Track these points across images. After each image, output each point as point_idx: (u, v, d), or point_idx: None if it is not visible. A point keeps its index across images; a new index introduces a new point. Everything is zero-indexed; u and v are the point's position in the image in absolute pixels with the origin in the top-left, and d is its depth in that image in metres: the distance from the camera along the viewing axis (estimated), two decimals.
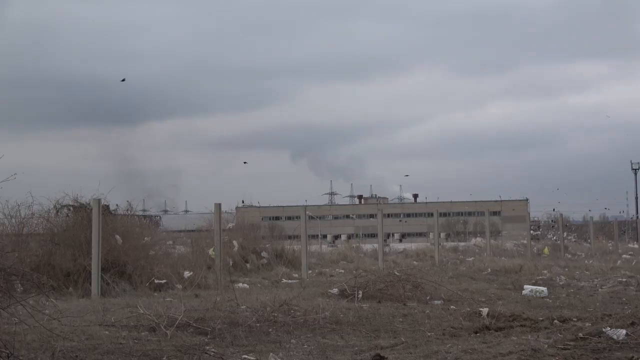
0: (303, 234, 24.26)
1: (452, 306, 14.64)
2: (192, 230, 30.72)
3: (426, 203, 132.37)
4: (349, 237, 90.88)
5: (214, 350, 9.61)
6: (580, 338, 10.29)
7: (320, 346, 10.24)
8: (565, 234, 45.92)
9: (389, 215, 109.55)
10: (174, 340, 10.11)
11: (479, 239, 51.31)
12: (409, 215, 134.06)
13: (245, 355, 9.42)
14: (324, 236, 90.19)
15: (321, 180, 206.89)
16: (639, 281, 20.37)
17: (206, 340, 10.39)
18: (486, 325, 11.94)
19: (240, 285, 19.30)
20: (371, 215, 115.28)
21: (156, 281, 17.78)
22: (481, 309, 13.39)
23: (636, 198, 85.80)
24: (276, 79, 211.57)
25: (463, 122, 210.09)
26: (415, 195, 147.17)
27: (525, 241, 41.64)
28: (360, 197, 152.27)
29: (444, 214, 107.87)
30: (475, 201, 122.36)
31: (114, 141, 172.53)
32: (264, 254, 27.10)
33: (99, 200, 17.37)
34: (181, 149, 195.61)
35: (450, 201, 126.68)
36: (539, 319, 12.54)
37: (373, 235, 52.91)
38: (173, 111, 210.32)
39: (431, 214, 36.01)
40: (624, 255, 34.81)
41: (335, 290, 16.62)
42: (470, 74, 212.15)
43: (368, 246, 42.68)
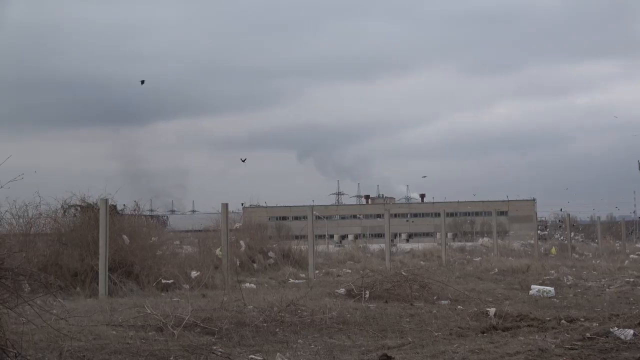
0: (310, 234, 24.26)
1: (459, 306, 14.62)
2: (199, 230, 30.76)
3: (433, 203, 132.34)
4: (356, 237, 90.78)
5: (221, 350, 9.62)
6: (588, 338, 10.27)
7: (327, 346, 10.25)
8: (572, 234, 45.83)
9: (396, 215, 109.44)
10: (181, 340, 10.12)
11: (486, 239, 51.24)
12: (416, 215, 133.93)
13: (253, 355, 9.43)
14: (331, 236, 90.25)
15: (328, 180, 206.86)
16: None
17: (213, 340, 10.40)
18: (493, 325, 11.93)
19: (248, 285, 19.31)
20: (378, 215, 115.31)
21: (163, 281, 17.80)
22: (488, 309, 13.36)
23: None
24: (283, 79, 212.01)
25: (470, 122, 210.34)
26: (422, 195, 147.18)
27: (532, 241, 41.56)
28: (367, 197, 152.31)
29: (451, 214, 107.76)
30: (483, 201, 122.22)
31: (121, 141, 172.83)
32: (271, 254, 27.11)
33: (106, 200, 17.39)
34: (188, 149, 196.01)
35: (458, 201, 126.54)
36: (546, 319, 12.52)
37: (380, 235, 52.83)
38: (180, 111, 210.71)
39: (438, 214, 35.93)
40: (632, 255, 34.70)
41: (342, 290, 16.62)
42: (477, 74, 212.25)
43: (375, 246, 42.68)
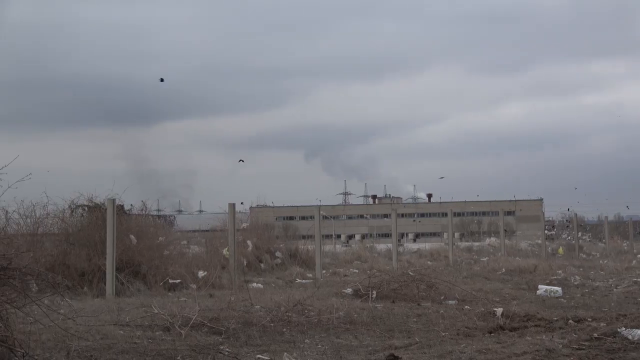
0: (317, 233, 24.26)
1: (467, 306, 14.60)
2: (206, 230, 30.81)
3: (440, 203, 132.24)
4: (363, 237, 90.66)
5: (228, 350, 9.63)
6: (595, 338, 10.26)
7: (334, 346, 10.25)
8: (579, 234, 45.69)
9: (403, 215, 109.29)
10: (188, 339, 10.13)
11: (493, 239, 51.14)
12: (423, 215, 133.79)
13: (260, 355, 9.43)
14: (338, 236, 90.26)
15: (335, 180, 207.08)
16: None
17: (220, 340, 10.40)
18: (500, 325, 11.92)
19: (255, 285, 19.32)
20: (385, 215, 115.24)
21: (170, 281, 17.82)
22: (495, 309, 13.33)
23: None
24: (291, 79, 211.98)
25: (478, 122, 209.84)
26: (429, 195, 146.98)
27: (539, 241, 41.48)
28: (374, 197, 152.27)
29: (458, 214, 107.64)
30: (490, 201, 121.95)
31: (128, 141, 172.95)
32: (278, 253, 27.14)
33: (114, 200, 17.41)
34: (195, 149, 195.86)
35: (465, 201, 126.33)
36: (554, 319, 12.50)
37: (387, 235, 52.87)
38: (187, 111, 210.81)
39: (445, 214, 35.93)
40: (639, 255, 34.62)
41: (349, 290, 16.61)
42: (485, 73, 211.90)
43: (382, 246, 42.68)
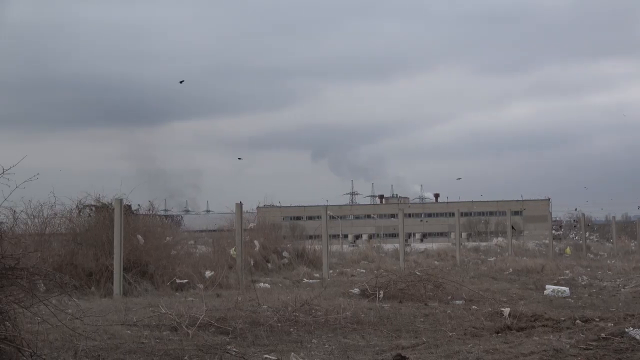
0: (324, 233, 24.25)
1: (474, 306, 14.58)
2: (214, 230, 30.79)
3: (447, 203, 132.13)
4: (370, 237, 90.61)
5: (235, 349, 9.63)
6: (603, 338, 10.23)
7: (341, 346, 10.24)
8: (587, 234, 45.58)
9: (410, 215, 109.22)
10: (196, 339, 10.14)
11: (500, 239, 51.04)
12: (430, 215, 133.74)
13: (267, 355, 9.43)
14: (345, 236, 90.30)
15: (342, 180, 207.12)
16: None
17: (228, 339, 10.41)
18: (508, 325, 11.90)
19: (262, 285, 19.33)
20: (392, 215, 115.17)
21: (178, 281, 17.85)
22: (503, 309, 13.31)
23: None
24: (297, 79, 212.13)
25: (484, 122, 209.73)
26: (436, 195, 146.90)
27: (547, 241, 41.39)
28: (381, 197, 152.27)
29: (465, 214, 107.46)
30: (497, 201, 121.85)
31: (135, 141, 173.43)
32: (285, 253, 27.15)
33: (121, 200, 17.43)
34: (202, 149, 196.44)
35: (472, 201, 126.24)
36: (561, 319, 12.47)
37: (394, 235, 52.81)
38: (194, 111, 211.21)
39: (452, 214, 35.92)
40: None
41: (356, 290, 16.61)
42: (492, 73, 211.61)
43: (389, 246, 42.67)
